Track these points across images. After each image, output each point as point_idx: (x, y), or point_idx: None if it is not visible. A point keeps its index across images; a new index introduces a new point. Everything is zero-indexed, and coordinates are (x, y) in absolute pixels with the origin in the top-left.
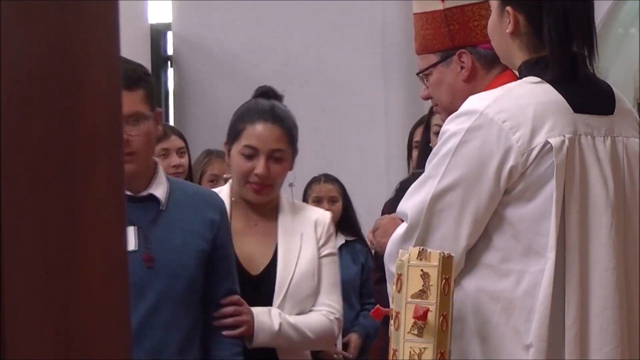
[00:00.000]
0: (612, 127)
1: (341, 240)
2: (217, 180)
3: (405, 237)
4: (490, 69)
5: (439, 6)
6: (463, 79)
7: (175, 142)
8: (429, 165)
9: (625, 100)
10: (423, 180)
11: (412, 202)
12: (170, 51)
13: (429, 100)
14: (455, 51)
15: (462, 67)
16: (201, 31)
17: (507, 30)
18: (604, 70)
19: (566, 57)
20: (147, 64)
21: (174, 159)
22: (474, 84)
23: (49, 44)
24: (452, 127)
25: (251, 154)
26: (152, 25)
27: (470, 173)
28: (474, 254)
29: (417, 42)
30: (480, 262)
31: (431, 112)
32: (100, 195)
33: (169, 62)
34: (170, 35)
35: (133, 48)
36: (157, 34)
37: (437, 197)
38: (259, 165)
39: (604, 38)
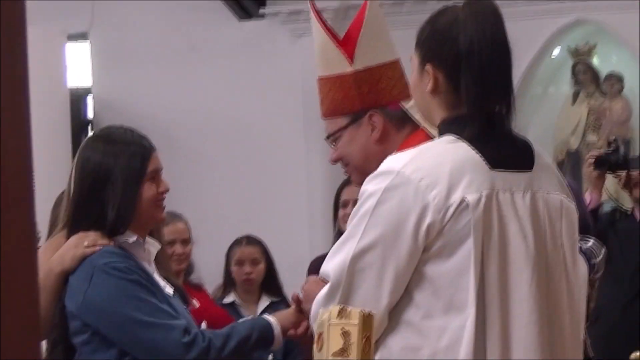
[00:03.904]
0: (531, 182)
1: (266, 302)
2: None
3: (328, 298)
4: (400, 129)
5: (348, 69)
6: (375, 139)
7: (180, 230)
8: (349, 225)
9: (545, 155)
10: (344, 241)
11: (333, 263)
12: (90, 115)
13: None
14: (365, 113)
15: (373, 128)
16: (121, 94)
17: (427, 89)
18: (522, 128)
19: (484, 115)
20: (67, 128)
21: (178, 248)
22: (385, 144)
23: None
24: (370, 187)
25: None
26: (71, 90)
27: (389, 232)
28: (396, 311)
29: (324, 106)
30: (402, 319)
31: (344, 184)
32: (12, 254)
33: (89, 126)
34: (90, 99)
35: (53, 113)
36: (77, 98)
37: (357, 257)
38: None
39: (522, 97)
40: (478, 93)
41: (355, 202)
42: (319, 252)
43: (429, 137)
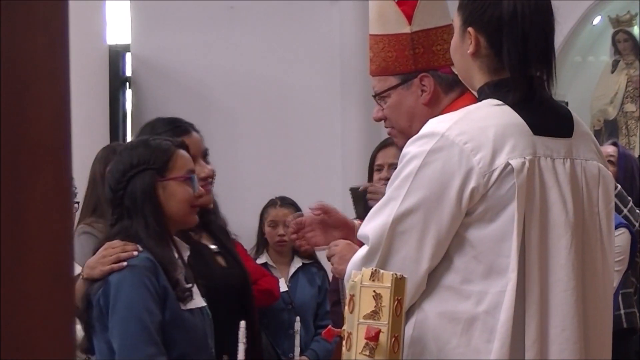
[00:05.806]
0: (570, 149)
1: (298, 263)
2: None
3: (367, 260)
4: (448, 93)
5: (406, 29)
6: (424, 102)
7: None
8: (390, 188)
9: (583, 123)
10: (384, 203)
11: (373, 225)
12: (128, 72)
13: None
14: (417, 74)
15: (423, 91)
16: (159, 53)
17: (468, 51)
18: (560, 97)
19: (525, 80)
20: (105, 85)
21: None
22: (434, 108)
23: None
24: (413, 149)
25: None
26: (110, 47)
27: (432, 195)
28: (435, 275)
29: (374, 64)
30: (441, 283)
31: (379, 148)
32: (46, 204)
33: (127, 84)
34: (128, 56)
35: (91, 69)
36: (116, 55)
37: (398, 220)
38: None
39: (561, 64)
40: (520, 58)
41: (390, 165)
42: (352, 216)
43: (475, 100)
